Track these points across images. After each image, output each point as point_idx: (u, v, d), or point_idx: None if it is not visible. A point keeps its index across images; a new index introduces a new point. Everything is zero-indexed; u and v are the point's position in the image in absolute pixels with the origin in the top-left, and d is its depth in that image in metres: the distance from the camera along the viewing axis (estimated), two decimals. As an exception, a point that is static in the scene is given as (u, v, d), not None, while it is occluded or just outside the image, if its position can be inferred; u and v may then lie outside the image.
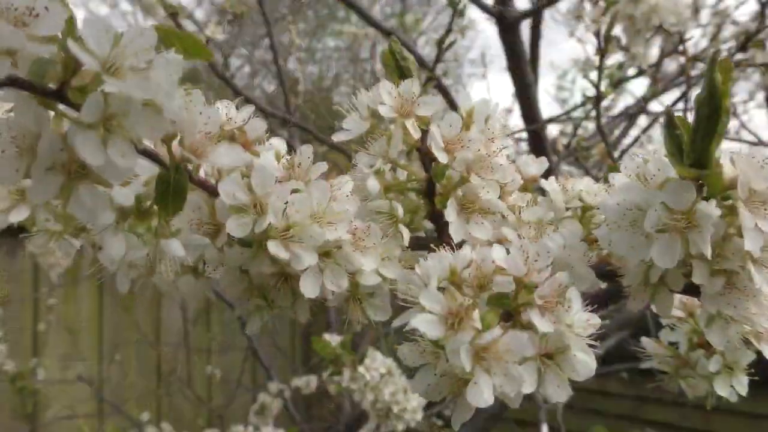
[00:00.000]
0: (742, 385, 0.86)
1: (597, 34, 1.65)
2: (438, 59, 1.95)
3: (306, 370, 3.80)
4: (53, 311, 3.97)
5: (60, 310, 4.04)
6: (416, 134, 0.67)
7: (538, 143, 3.06)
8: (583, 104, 2.71)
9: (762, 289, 0.64)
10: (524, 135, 3.10)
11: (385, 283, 0.67)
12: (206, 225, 0.59)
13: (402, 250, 0.69)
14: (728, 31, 2.97)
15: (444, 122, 0.67)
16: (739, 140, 3.22)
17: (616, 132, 3.67)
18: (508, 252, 0.58)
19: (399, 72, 0.73)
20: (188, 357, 4.44)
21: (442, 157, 0.66)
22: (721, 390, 0.86)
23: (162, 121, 0.45)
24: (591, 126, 3.48)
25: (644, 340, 0.95)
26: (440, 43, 1.92)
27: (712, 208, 0.57)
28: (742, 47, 2.07)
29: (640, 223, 0.61)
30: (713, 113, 0.56)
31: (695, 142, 0.58)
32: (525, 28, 3.28)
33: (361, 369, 1.95)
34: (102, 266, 0.71)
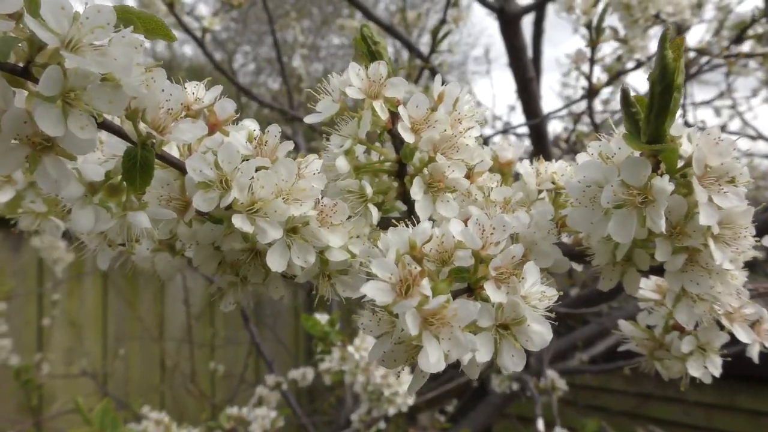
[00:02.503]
0: (715, 366, 0.87)
1: (588, 26, 1.65)
2: (433, 49, 1.96)
3: (309, 365, 3.81)
4: (57, 306, 4.02)
5: (64, 305, 4.09)
6: (384, 115, 0.69)
7: (539, 138, 3.07)
8: (582, 98, 2.71)
9: (723, 265, 0.66)
10: (527, 131, 3.11)
11: (355, 260, 0.69)
12: (175, 201, 0.61)
13: (372, 229, 0.71)
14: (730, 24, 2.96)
15: (411, 103, 0.69)
16: (739, 134, 3.21)
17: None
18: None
19: (371, 56, 0.74)
20: (191, 352, 4.48)
21: (408, 137, 0.68)
22: (694, 371, 0.86)
23: (121, 95, 0.47)
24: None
25: (621, 322, 0.96)
26: (435, 33, 1.94)
27: (665, 183, 0.58)
28: (738, 39, 2.06)
29: (599, 199, 0.63)
30: (666, 90, 0.57)
31: (650, 120, 0.59)
32: (528, 25, 3.28)
33: (350, 349, 1.84)
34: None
